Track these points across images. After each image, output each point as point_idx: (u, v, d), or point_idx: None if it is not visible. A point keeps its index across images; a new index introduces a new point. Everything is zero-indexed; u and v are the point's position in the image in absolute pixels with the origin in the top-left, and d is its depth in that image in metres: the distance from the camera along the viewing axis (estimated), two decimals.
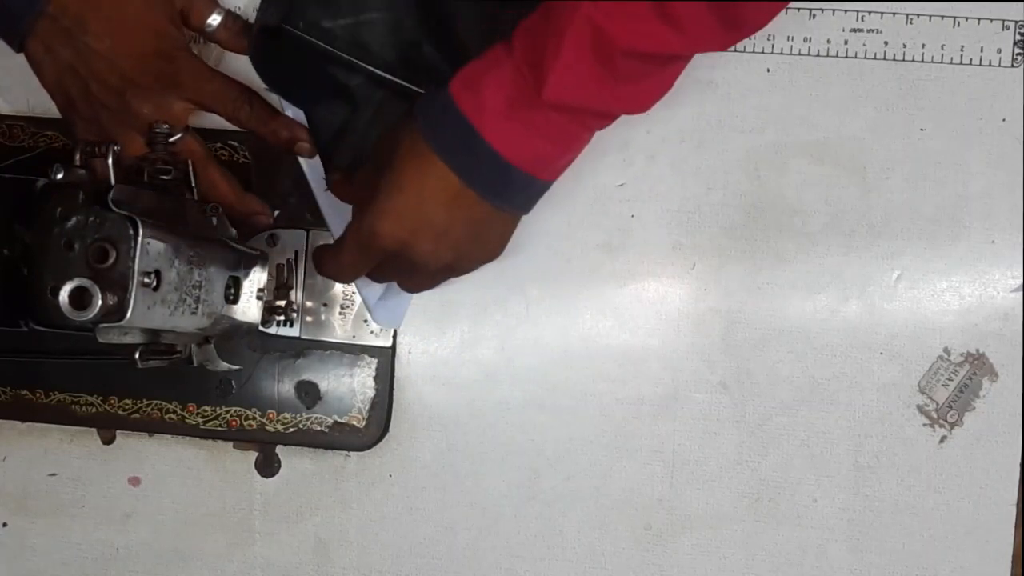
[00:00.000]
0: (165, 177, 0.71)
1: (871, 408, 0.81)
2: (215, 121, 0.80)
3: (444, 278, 0.75)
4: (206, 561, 0.85)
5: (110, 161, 0.66)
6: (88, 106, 0.76)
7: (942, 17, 0.80)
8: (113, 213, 0.63)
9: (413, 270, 0.73)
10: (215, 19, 0.79)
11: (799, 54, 0.81)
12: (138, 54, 0.75)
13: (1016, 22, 0.80)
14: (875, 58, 0.81)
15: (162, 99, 0.76)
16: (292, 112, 0.81)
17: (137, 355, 0.68)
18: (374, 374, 0.83)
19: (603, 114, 0.69)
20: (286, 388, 0.83)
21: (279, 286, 0.81)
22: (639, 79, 0.67)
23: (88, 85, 0.75)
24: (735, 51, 0.81)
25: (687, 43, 0.65)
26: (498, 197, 0.69)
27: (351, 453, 0.84)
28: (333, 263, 0.75)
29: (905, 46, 0.80)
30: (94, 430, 0.85)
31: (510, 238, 0.74)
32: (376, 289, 0.81)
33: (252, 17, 0.81)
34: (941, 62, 0.80)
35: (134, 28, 0.76)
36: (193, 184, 0.74)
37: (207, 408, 0.83)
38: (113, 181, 0.66)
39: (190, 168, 0.75)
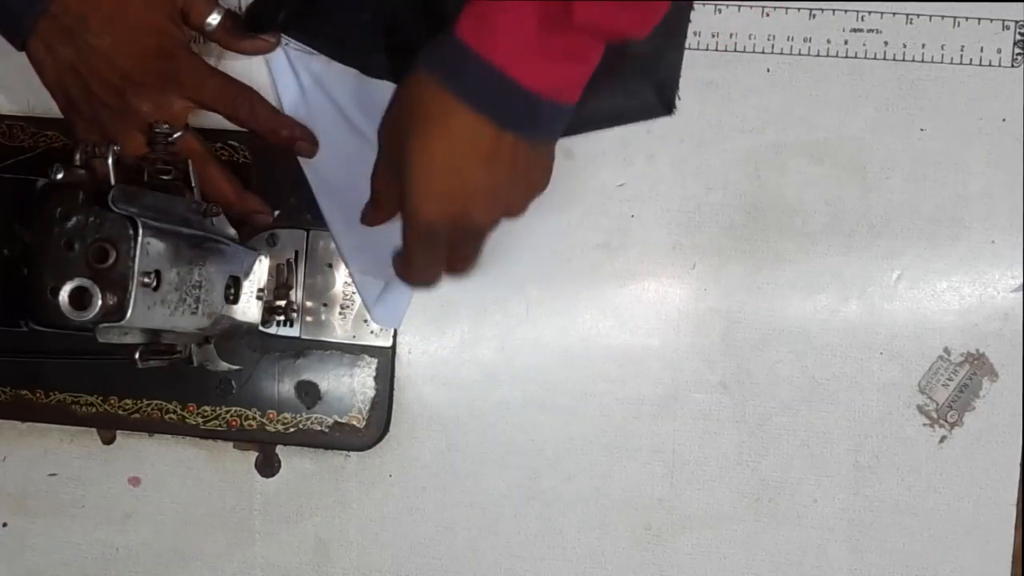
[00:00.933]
0: (165, 177, 0.71)
1: (871, 408, 0.81)
2: (215, 121, 0.80)
3: (489, 235, 0.71)
4: (206, 561, 0.85)
5: (110, 161, 0.66)
6: (89, 105, 0.76)
7: (942, 17, 0.80)
8: (113, 213, 0.63)
9: (480, 233, 0.70)
10: (214, 18, 0.79)
11: (799, 54, 0.81)
12: (138, 52, 0.76)
13: (1016, 22, 0.80)
14: (875, 58, 0.81)
15: (162, 97, 0.76)
16: (294, 106, 0.82)
17: (137, 355, 0.68)
18: (374, 374, 0.83)
19: (622, 28, 0.65)
20: (286, 388, 0.83)
21: (279, 286, 0.81)
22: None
23: (88, 83, 0.75)
24: (735, 51, 0.81)
25: None
26: (535, 132, 0.66)
27: (351, 453, 0.84)
28: (409, 272, 0.71)
29: (905, 46, 0.80)
30: (94, 430, 0.85)
31: (553, 165, 0.71)
32: (374, 288, 0.81)
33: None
34: (941, 62, 0.80)
35: (134, 26, 0.76)
36: (193, 184, 0.74)
37: (207, 408, 0.83)
38: (113, 181, 0.65)
39: (190, 168, 0.74)
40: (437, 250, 0.69)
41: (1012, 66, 0.80)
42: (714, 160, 0.81)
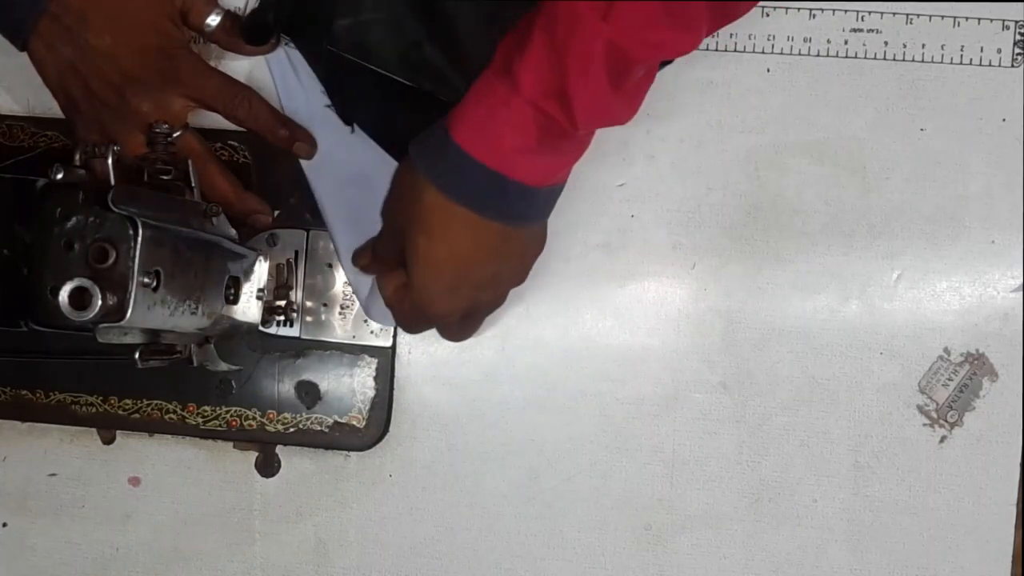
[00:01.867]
0: (165, 177, 0.71)
1: (871, 408, 0.81)
2: (215, 121, 0.80)
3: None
4: (206, 561, 0.85)
5: (110, 161, 0.66)
6: (89, 104, 0.76)
7: (942, 17, 0.80)
8: (113, 213, 0.63)
9: (488, 311, 0.76)
10: (214, 19, 0.79)
11: (799, 54, 0.81)
12: (138, 51, 0.76)
13: (1016, 22, 0.80)
14: (875, 58, 0.81)
15: (162, 96, 0.77)
16: (293, 106, 0.82)
17: (137, 355, 0.68)
18: (374, 374, 0.83)
19: (616, 119, 0.68)
20: (286, 388, 0.83)
21: (279, 286, 0.81)
22: (643, 83, 0.67)
23: (89, 83, 0.75)
24: (735, 51, 0.81)
25: (694, 41, 0.65)
26: (536, 219, 0.71)
27: (351, 453, 0.84)
28: (414, 331, 0.80)
29: (905, 46, 0.80)
30: (94, 430, 0.85)
31: (546, 231, 0.74)
32: (369, 286, 0.81)
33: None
34: (941, 62, 0.80)
35: (134, 25, 0.76)
36: (193, 184, 0.74)
37: (207, 408, 0.83)
38: (113, 181, 0.65)
39: (190, 168, 0.74)
40: (445, 325, 0.76)
41: (1012, 66, 0.80)
42: (714, 160, 0.81)
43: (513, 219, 0.68)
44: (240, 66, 0.82)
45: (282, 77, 0.83)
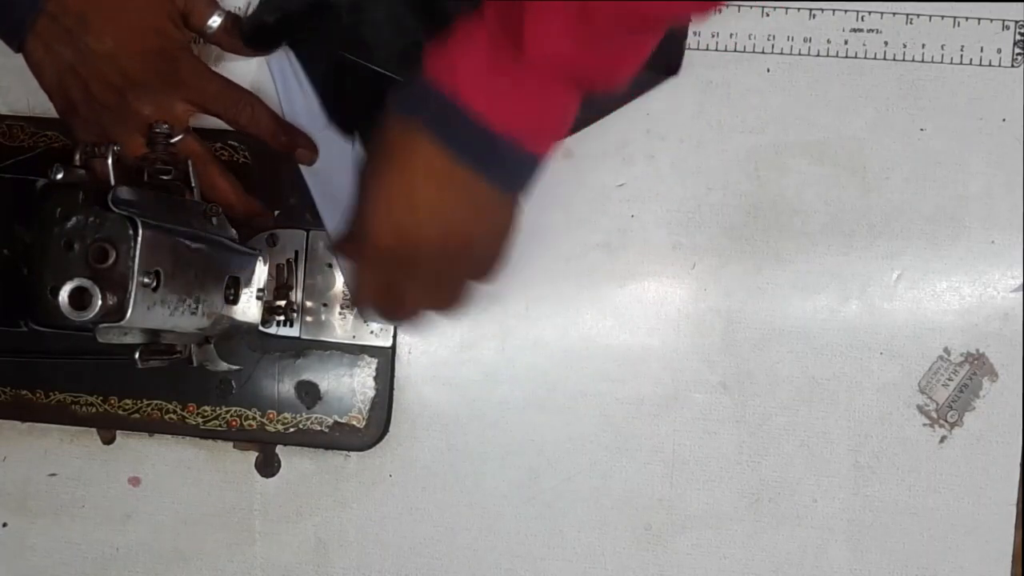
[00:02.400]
0: (165, 177, 0.71)
1: (871, 408, 0.81)
2: (215, 121, 0.80)
3: (457, 279, 0.71)
4: (206, 561, 0.85)
5: (110, 161, 0.66)
6: (89, 107, 0.76)
7: (942, 17, 0.80)
8: (113, 213, 0.63)
9: (425, 267, 0.69)
10: (215, 20, 0.79)
11: (799, 54, 0.81)
12: (139, 53, 0.76)
13: (1016, 22, 0.80)
14: (875, 58, 0.81)
15: (163, 99, 0.76)
16: (293, 109, 0.82)
17: (137, 355, 0.68)
18: (374, 374, 0.83)
19: (583, 72, 0.65)
20: (286, 388, 0.83)
21: (279, 286, 0.81)
22: (619, 43, 0.65)
23: (89, 85, 0.75)
24: (735, 51, 0.81)
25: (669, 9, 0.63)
26: (487, 169, 0.66)
27: (351, 453, 0.84)
28: (354, 288, 0.75)
29: (905, 46, 0.80)
30: (94, 430, 0.85)
31: (514, 231, 0.71)
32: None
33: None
34: (941, 62, 0.80)
35: (135, 27, 0.76)
36: (193, 184, 0.74)
37: (207, 408, 0.83)
38: (113, 181, 0.65)
39: (190, 168, 0.74)
40: (379, 267, 0.70)
41: (1012, 66, 0.80)
42: (714, 160, 0.81)
43: (464, 154, 0.65)
44: (241, 67, 0.82)
45: (283, 79, 0.83)
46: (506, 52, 0.63)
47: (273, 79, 0.83)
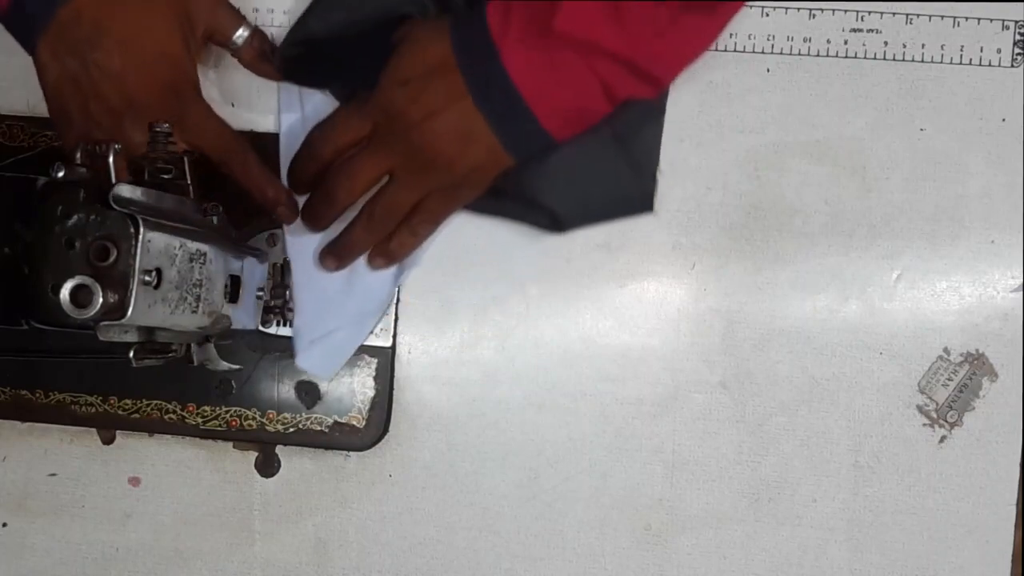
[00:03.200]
0: (165, 176, 0.71)
1: (871, 408, 0.81)
2: None
3: (423, 182, 0.76)
4: (206, 561, 0.85)
5: (111, 159, 0.66)
6: (83, 120, 0.74)
7: (942, 17, 0.80)
8: (114, 211, 0.63)
9: (392, 149, 0.75)
10: (241, 35, 0.78)
11: (799, 54, 0.81)
12: (148, 81, 0.74)
13: (1016, 22, 0.80)
14: (875, 58, 0.81)
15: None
16: (291, 132, 0.81)
17: (132, 353, 0.68)
18: (374, 374, 0.83)
19: (614, 58, 0.69)
20: (286, 388, 0.83)
21: (277, 286, 0.81)
22: (654, 30, 0.68)
23: (88, 101, 0.73)
24: (735, 51, 0.81)
25: None
26: (493, 113, 0.71)
27: (351, 453, 0.84)
28: (320, 128, 0.77)
29: (905, 46, 0.80)
30: (94, 430, 0.85)
31: (489, 179, 0.76)
32: (309, 332, 0.81)
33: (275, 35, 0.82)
34: (941, 62, 0.80)
35: (149, 52, 0.74)
36: (189, 182, 0.73)
37: (207, 408, 0.83)
38: (114, 179, 0.65)
39: (186, 167, 0.74)
40: (361, 117, 0.75)
41: (1012, 66, 0.80)
42: (714, 160, 0.81)
43: (477, 90, 0.71)
44: (236, 64, 0.82)
45: (288, 100, 0.82)
46: (543, 17, 0.68)
47: (278, 104, 0.82)
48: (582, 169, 0.78)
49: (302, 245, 0.82)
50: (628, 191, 0.80)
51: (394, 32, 0.75)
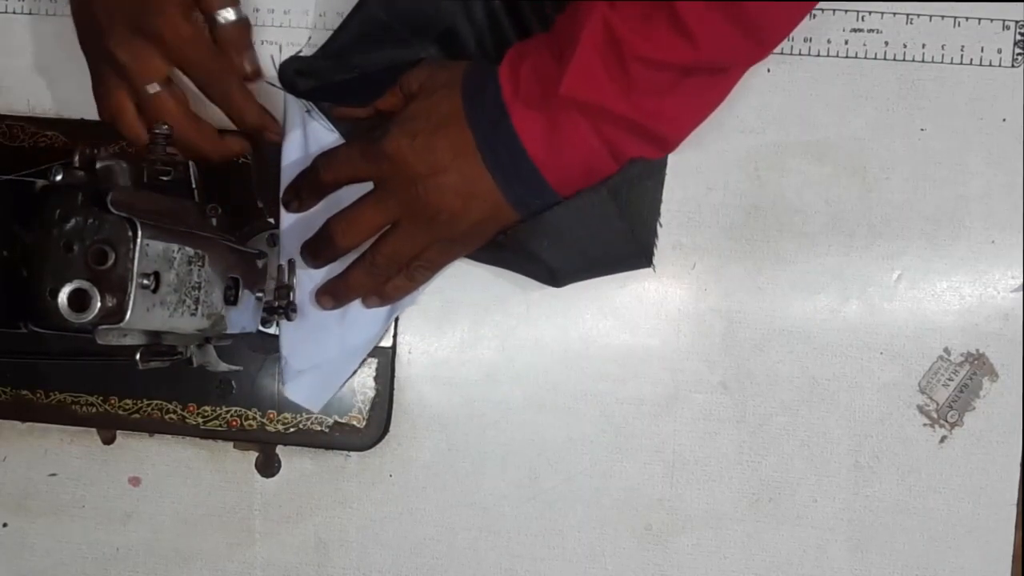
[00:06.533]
0: (165, 178, 0.71)
1: (871, 408, 0.81)
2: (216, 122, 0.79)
3: (427, 234, 0.76)
4: (206, 561, 0.85)
5: (110, 163, 0.66)
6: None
7: (942, 17, 0.80)
8: (112, 215, 0.63)
9: (397, 200, 0.74)
10: (229, 14, 0.76)
11: (799, 54, 0.81)
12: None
13: (1016, 22, 0.80)
14: (875, 58, 0.80)
15: (142, 50, 0.75)
16: (292, 151, 0.81)
17: (138, 356, 0.68)
18: (374, 374, 0.83)
19: (620, 120, 0.70)
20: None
21: (279, 286, 0.81)
22: (659, 92, 0.69)
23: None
24: None
25: (701, 55, 0.66)
26: (501, 172, 0.72)
27: (351, 453, 0.84)
28: (326, 157, 0.77)
29: (905, 46, 0.80)
30: (94, 430, 0.85)
31: (492, 233, 0.77)
32: (299, 362, 0.82)
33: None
34: (941, 62, 0.80)
35: None
36: (194, 185, 0.73)
37: (207, 408, 0.83)
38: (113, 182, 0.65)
39: (191, 169, 0.74)
40: (363, 162, 0.75)
41: (1012, 66, 0.80)
42: (714, 160, 0.81)
43: (487, 150, 0.71)
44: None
45: (293, 126, 0.82)
46: (551, 83, 0.69)
47: (284, 117, 0.82)
48: (580, 226, 0.77)
49: (297, 277, 0.82)
50: (626, 248, 0.81)
51: (406, 72, 0.77)
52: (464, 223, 0.74)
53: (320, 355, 0.82)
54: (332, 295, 0.80)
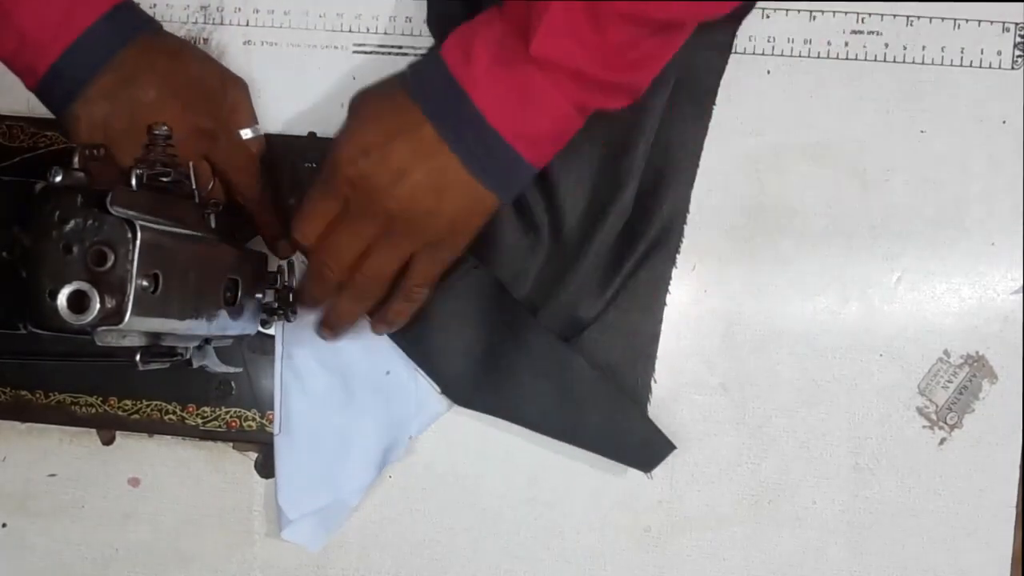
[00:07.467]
0: (164, 179, 0.71)
1: (871, 410, 0.81)
2: None
3: (407, 243, 0.73)
4: (206, 561, 0.85)
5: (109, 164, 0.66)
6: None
7: (942, 19, 0.80)
8: (111, 216, 0.62)
9: (369, 219, 0.72)
10: (247, 133, 0.80)
11: (799, 56, 0.81)
12: (184, 108, 0.76)
13: (1016, 24, 0.80)
14: (875, 60, 0.80)
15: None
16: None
17: (138, 357, 0.68)
18: None
19: (589, 82, 0.67)
20: None
21: (278, 288, 0.81)
22: (630, 48, 0.66)
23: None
24: (735, 52, 0.81)
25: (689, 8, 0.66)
26: (471, 155, 0.69)
27: None
28: (298, 216, 0.75)
29: (905, 48, 0.80)
30: (94, 430, 0.85)
31: (475, 225, 0.74)
32: (297, 507, 0.82)
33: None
34: (941, 64, 0.80)
35: (186, 86, 0.77)
36: (193, 186, 0.73)
37: (207, 409, 0.83)
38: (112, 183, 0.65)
39: (191, 170, 0.74)
40: (330, 197, 0.72)
41: (1012, 68, 0.80)
42: (714, 161, 0.81)
43: (448, 132, 0.68)
44: (239, 65, 0.82)
45: (282, 349, 0.83)
46: (515, 47, 0.66)
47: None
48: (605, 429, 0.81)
49: (288, 415, 0.83)
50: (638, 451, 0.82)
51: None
52: (442, 220, 0.71)
53: (318, 499, 0.82)
54: (328, 326, 0.78)
